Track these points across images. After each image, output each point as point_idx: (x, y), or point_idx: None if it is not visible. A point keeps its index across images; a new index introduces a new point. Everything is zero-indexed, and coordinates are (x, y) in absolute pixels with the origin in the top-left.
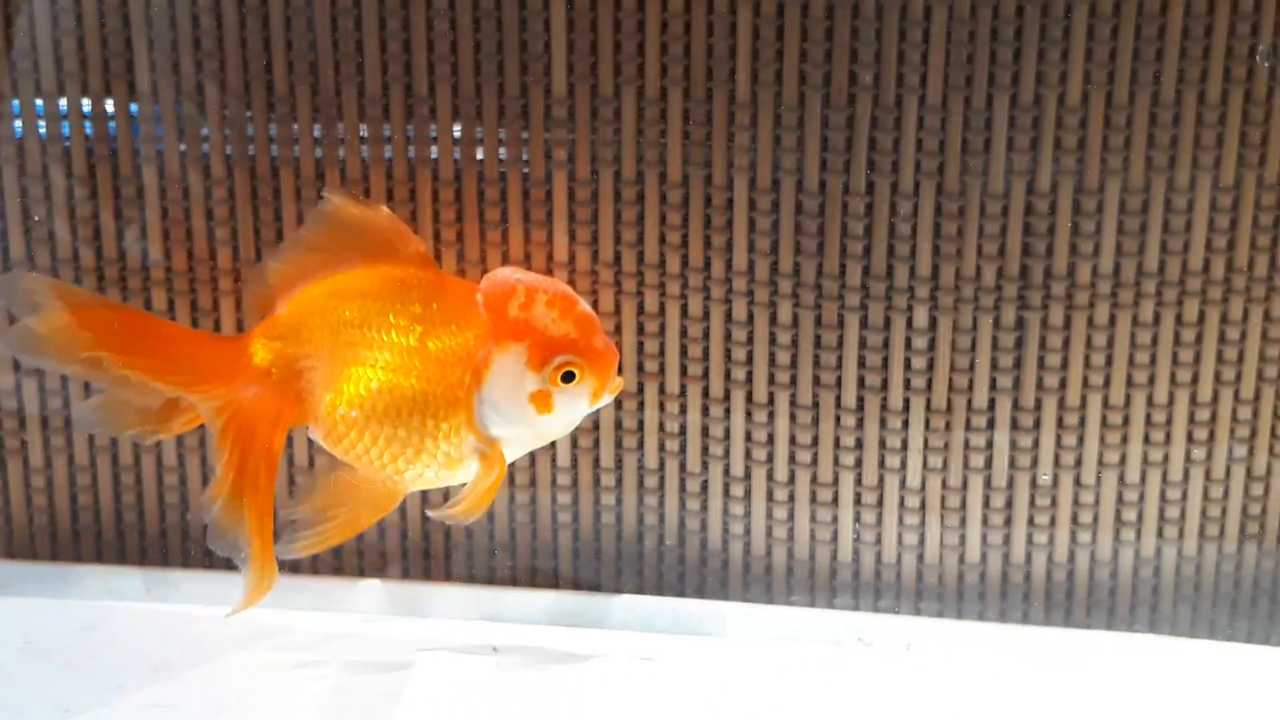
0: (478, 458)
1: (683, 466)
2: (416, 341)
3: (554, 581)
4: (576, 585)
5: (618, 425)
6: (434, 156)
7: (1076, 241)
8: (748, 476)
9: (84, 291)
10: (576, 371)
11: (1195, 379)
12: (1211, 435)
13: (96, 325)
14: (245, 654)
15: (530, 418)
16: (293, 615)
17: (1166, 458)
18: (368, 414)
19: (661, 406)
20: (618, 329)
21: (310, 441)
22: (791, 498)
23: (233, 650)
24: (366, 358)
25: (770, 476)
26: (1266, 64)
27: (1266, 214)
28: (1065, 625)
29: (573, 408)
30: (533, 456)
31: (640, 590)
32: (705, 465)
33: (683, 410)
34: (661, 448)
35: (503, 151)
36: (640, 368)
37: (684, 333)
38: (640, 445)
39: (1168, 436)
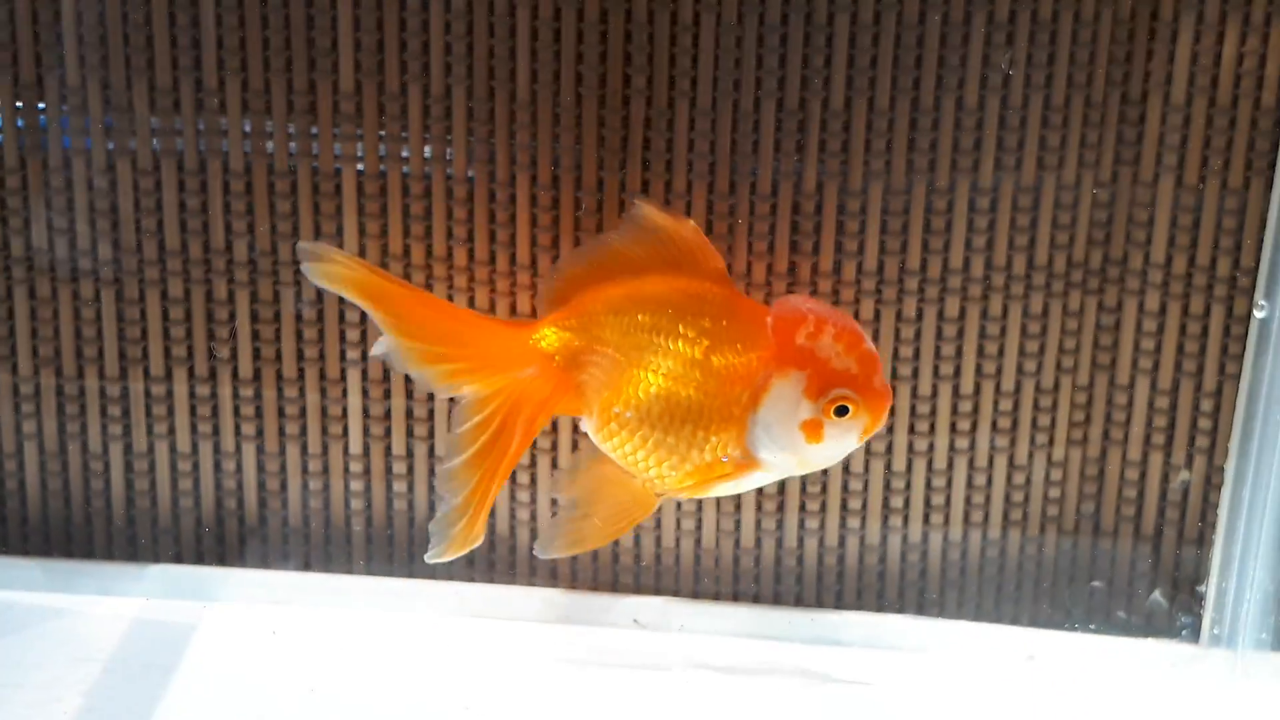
0: (733, 467)
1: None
2: (701, 354)
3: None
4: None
5: (409, 414)
6: (224, 149)
7: (842, 240)
8: (533, 464)
9: (379, 272)
10: (851, 407)
11: (957, 372)
12: (973, 426)
13: (391, 308)
14: None
15: (798, 444)
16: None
17: (931, 447)
18: (642, 417)
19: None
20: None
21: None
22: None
23: None
24: (651, 363)
25: (554, 464)
26: (1009, 71)
27: (1064, 213)
28: (834, 608)
29: (841, 441)
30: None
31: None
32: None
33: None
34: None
35: (293, 146)
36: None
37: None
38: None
39: (931, 428)
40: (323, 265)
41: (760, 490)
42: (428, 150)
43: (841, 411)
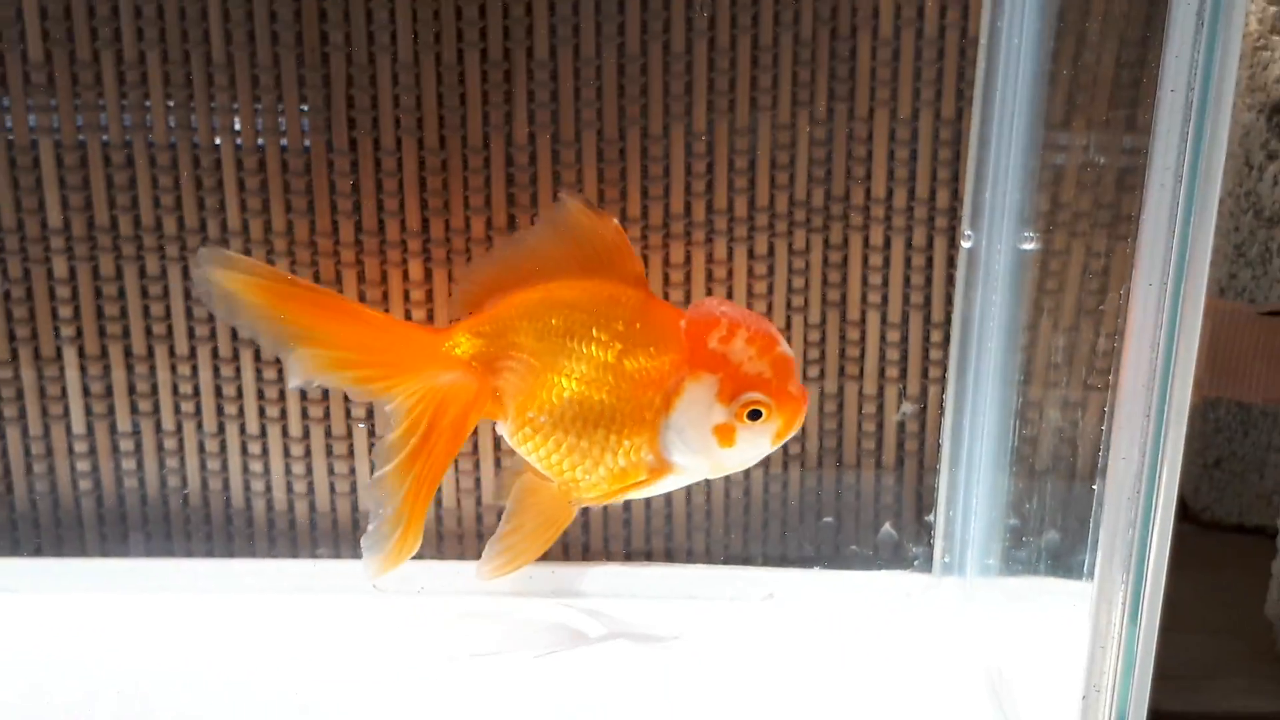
0: (646, 472)
1: (199, 427)
2: (614, 358)
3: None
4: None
5: (131, 389)
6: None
7: (514, 193)
8: (263, 434)
9: (281, 274)
10: (764, 411)
11: None
12: None
13: (294, 311)
14: None
15: (711, 448)
16: None
17: None
18: (555, 421)
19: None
20: (121, 292)
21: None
22: (308, 452)
23: None
24: (564, 367)
25: (285, 433)
26: (706, 12)
27: (783, 153)
28: (581, 560)
29: (754, 445)
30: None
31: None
32: (221, 426)
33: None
34: (178, 410)
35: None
36: (149, 331)
37: (145, 292)
38: (156, 409)
39: None
40: (223, 271)
41: (498, 444)
42: (127, 119)
43: (754, 415)
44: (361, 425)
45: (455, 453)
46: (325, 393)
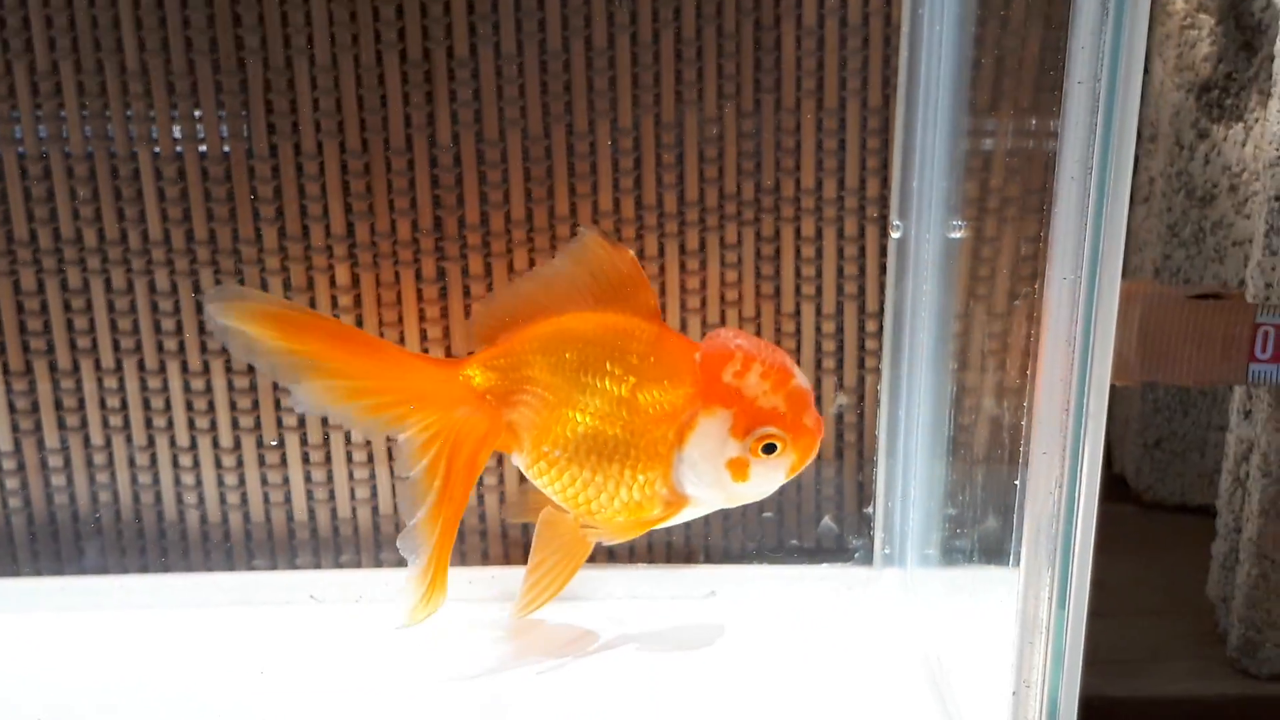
0: (662, 506)
1: (129, 440)
2: (628, 392)
3: None
4: None
5: (58, 405)
6: None
7: (486, 190)
8: (194, 445)
9: (296, 307)
10: (779, 445)
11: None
12: None
13: (308, 343)
14: None
15: (724, 482)
16: None
17: None
18: (570, 455)
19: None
20: (44, 306)
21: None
22: (240, 463)
23: None
24: (578, 401)
25: (216, 444)
26: (627, 7)
27: (710, 146)
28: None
29: (768, 479)
30: None
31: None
32: (151, 439)
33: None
34: (106, 424)
35: None
36: (73, 345)
37: (68, 306)
38: (84, 424)
39: None
40: (238, 304)
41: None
42: (42, 130)
43: (769, 449)
44: (274, 444)
45: (471, 488)
46: (255, 402)
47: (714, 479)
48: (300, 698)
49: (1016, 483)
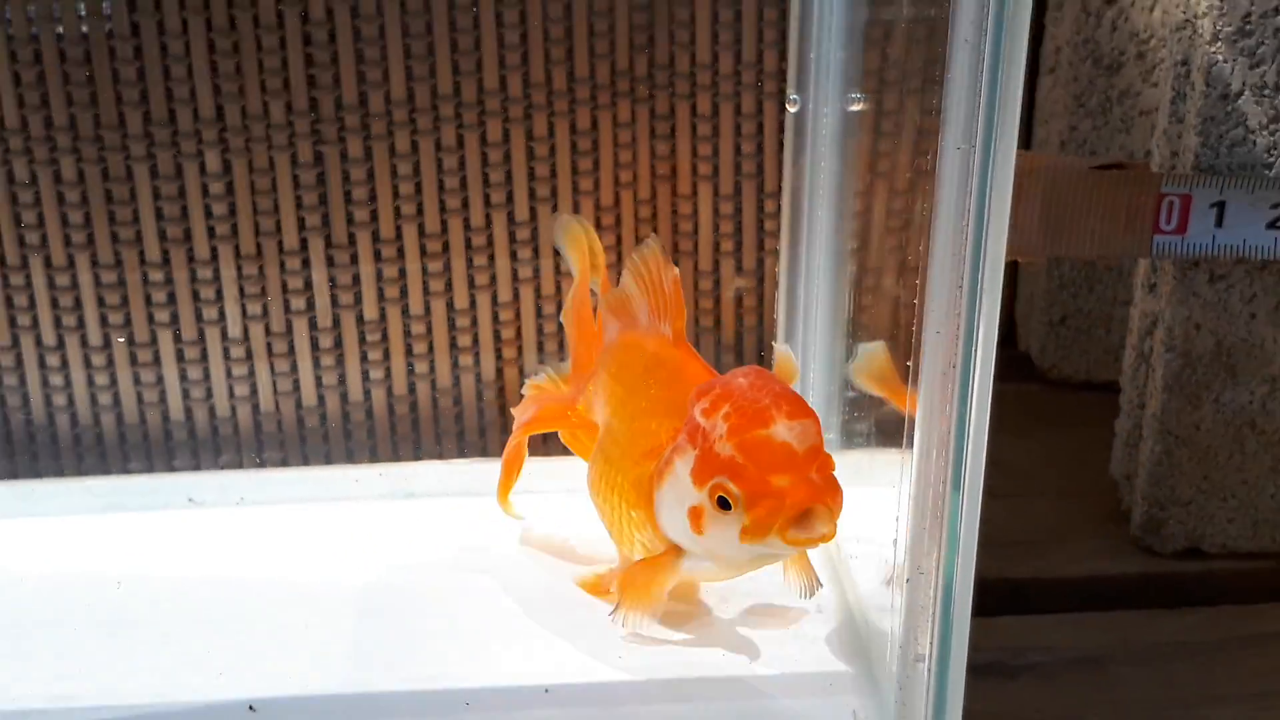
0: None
1: None
2: (638, 428)
3: None
4: None
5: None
6: None
7: (364, 70)
8: (60, 345)
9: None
10: (732, 503)
11: (510, 198)
12: (536, 252)
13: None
14: None
15: (689, 532)
16: None
17: (493, 279)
18: (594, 488)
19: None
20: None
21: None
22: (110, 361)
23: None
24: (607, 437)
25: (84, 342)
26: None
27: (601, 20)
28: (413, 459)
29: (721, 538)
30: None
31: None
32: (16, 339)
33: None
34: None
35: None
36: None
37: None
38: None
39: (490, 258)
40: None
41: (316, 342)
42: None
43: (724, 504)
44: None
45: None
46: (124, 298)
47: (681, 527)
48: (178, 602)
49: (909, 364)
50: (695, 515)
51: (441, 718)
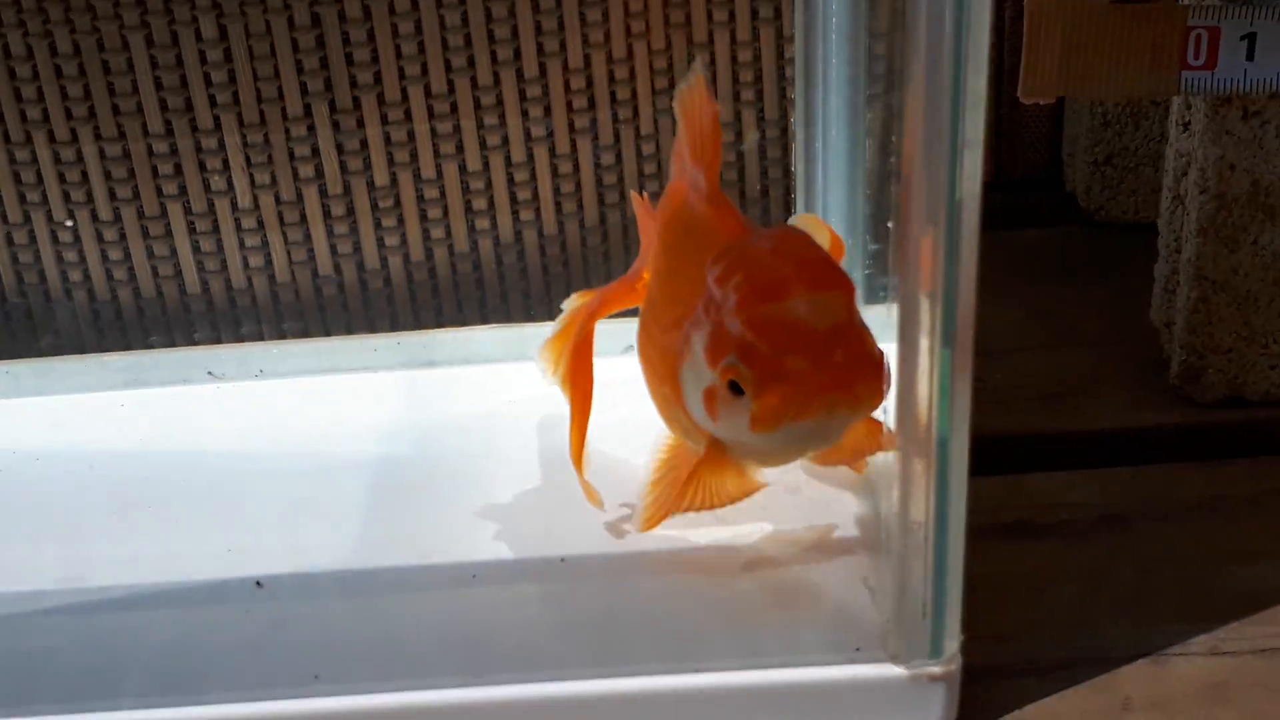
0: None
1: (3, 218)
2: (669, 293)
3: None
4: None
5: None
6: None
7: None
8: (72, 219)
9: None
10: (743, 386)
11: (518, 54)
12: (548, 110)
13: None
14: None
15: (706, 415)
16: None
17: (505, 139)
18: (641, 340)
19: None
20: None
21: None
22: (122, 235)
23: None
24: (646, 303)
25: (95, 217)
26: None
27: None
28: (436, 327)
29: (735, 427)
30: None
31: None
32: (27, 215)
33: None
34: None
35: None
36: None
37: None
38: None
39: (501, 118)
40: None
41: (328, 210)
42: None
43: (736, 389)
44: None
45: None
46: (130, 171)
47: (700, 410)
48: (189, 483)
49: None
50: (709, 398)
51: (449, 590)
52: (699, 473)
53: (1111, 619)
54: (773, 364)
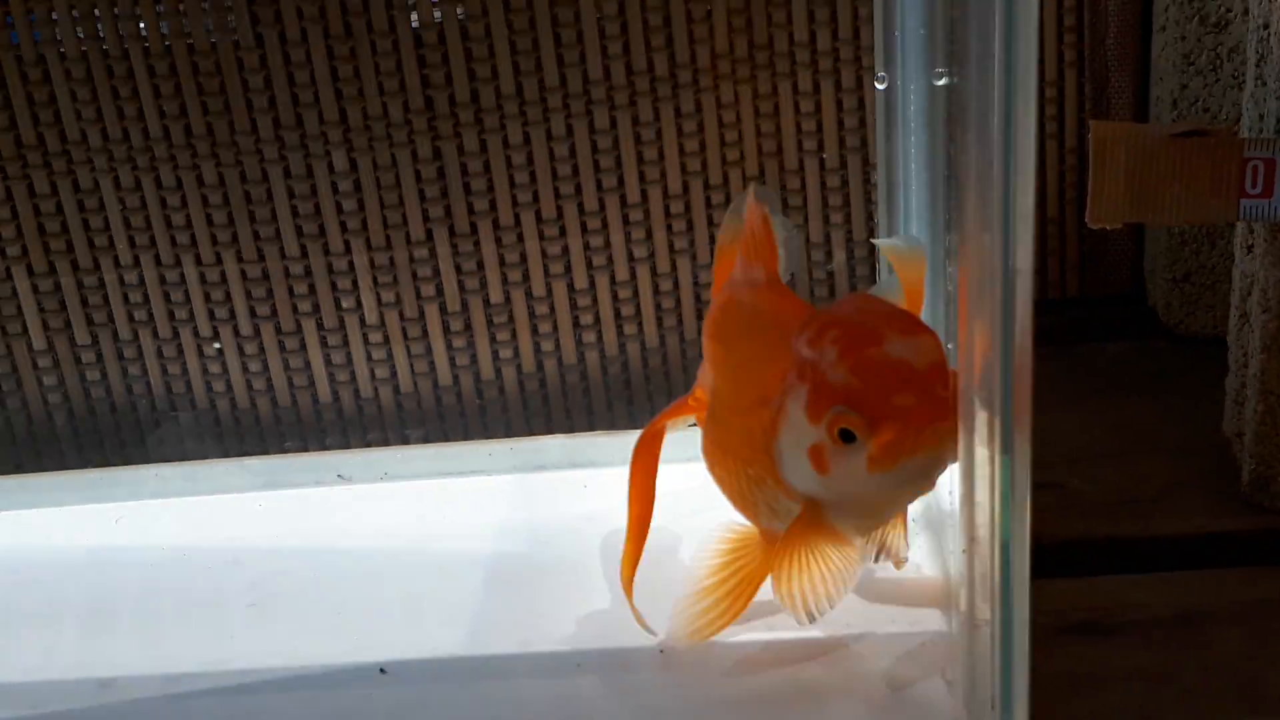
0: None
1: (155, 333)
2: (742, 379)
3: None
4: None
5: (84, 303)
6: None
7: (474, 67)
8: (215, 335)
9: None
10: (855, 431)
11: (621, 181)
12: (649, 233)
13: None
14: None
15: (814, 478)
16: None
17: (610, 259)
18: (709, 457)
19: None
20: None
21: None
22: (261, 349)
23: None
24: (714, 400)
25: (237, 332)
26: None
27: (698, 6)
28: (546, 434)
29: (848, 475)
30: None
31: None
32: (176, 331)
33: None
34: (132, 318)
35: None
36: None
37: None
38: (110, 319)
39: (606, 240)
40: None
41: (448, 325)
42: (37, 34)
43: (847, 437)
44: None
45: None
46: (269, 290)
47: (805, 472)
48: (318, 576)
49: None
50: (817, 455)
51: (555, 678)
52: (793, 538)
53: (1176, 717)
54: (883, 403)
